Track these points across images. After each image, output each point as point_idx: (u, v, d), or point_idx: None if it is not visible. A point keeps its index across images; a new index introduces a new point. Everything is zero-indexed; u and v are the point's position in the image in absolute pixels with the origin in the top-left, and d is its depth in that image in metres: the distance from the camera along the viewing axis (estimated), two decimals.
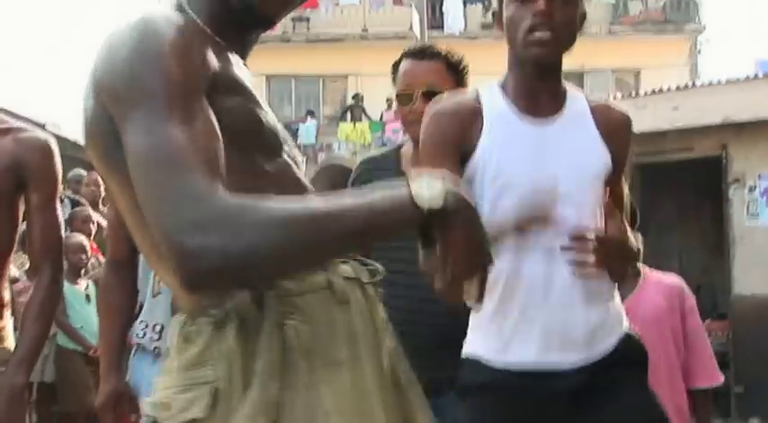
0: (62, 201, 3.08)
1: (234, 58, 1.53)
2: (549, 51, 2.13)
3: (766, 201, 8.09)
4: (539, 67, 2.17)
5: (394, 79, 2.97)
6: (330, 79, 20.73)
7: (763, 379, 7.52)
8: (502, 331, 2.17)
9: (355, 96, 19.99)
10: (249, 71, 1.63)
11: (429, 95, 2.74)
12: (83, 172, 7.89)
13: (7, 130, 2.79)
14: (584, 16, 2.22)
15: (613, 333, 2.18)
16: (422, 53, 2.91)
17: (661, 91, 9.17)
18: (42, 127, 11.52)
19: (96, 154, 1.50)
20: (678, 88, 9.15)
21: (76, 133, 13.86)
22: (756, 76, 8.52)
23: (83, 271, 5.83)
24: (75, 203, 7.03)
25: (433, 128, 2.25)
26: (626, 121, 2.32)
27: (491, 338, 2.20)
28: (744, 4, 53.86)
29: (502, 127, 2.19)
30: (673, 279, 3.54)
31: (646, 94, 9.63)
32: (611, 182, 2.26)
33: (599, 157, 2.20)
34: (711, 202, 8.46)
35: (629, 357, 2.19)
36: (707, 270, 8.81)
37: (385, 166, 2.97)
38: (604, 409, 2.13)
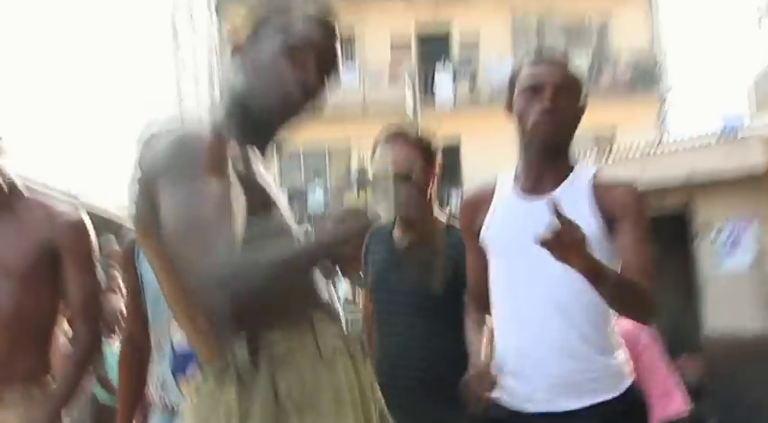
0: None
1: (253, 156, 1.73)
2: (553, 137, 2.19)
3: (729, 249, 8.09)
4: (544, 150, 2.22)
5: (373, 159, 2.98)
6: (335, 151, 20.46)
7: (734, 408, 7.48)
8: (517, 382, 2.20)
9: (360, 170, 19.55)
10: (267, 164, 1.81)
11: (403, 178, 2.80)
12: (112, 237, 7.89)
13: (45, 212, 2.77)
14: (583, 109, 2.28)
15: (613, 385, 2.19)
16: (395, 137, 2.93)
17: (629, 155, 9.30)
18: (75, 197, 11.47)
19: (146, 241, 1.70)
20: (644, 151, 9.23)
21: (106, 203, 13.78)
22: (709, 143, 8.58)
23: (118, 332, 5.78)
24: (104, 267, 7.03)
25: (459, 217, 2.43)
26: (627, 189, 2.24)
27: (509, 387, 2.22)
28: (707, 67, 53.85)
29: (502, 207, 2.26)
30: (627, 324, 3.65)
31: (615, 157, 9.78)
32: (621, 245, 2.19)
33: (584, 226, 2.05)
34: (681, 251, 8.40)
35: (629, 412, 2.19)
36: (682, 311, 8.66)
37: (379, 237, 3.03)
38: None
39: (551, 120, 2.17)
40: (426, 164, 2.85)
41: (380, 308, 2.92)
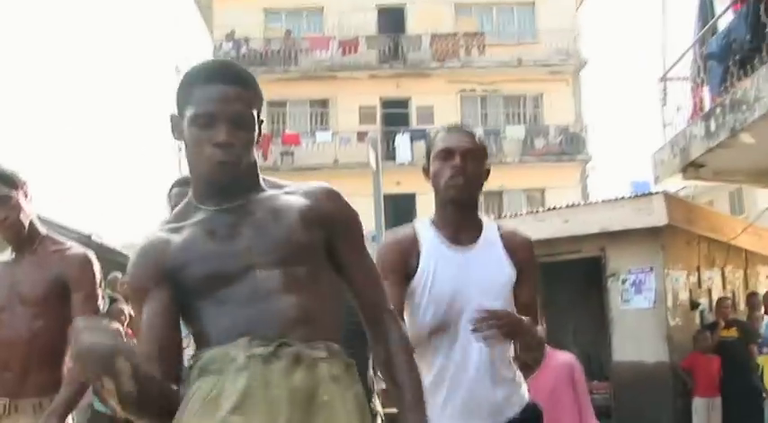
0: (102, 298, 3.05)
1: (214, 220, 1.62)
2: (463, 193, 2.22)
3: (634, 290, 8.41)
4: (456, 205, 2.25)
5: None
6: None
7: None
8: (435, 403, 2.18)
9: None
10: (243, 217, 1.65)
11: None
12: (119, 274, 7.75)
13: (57, 250, 2.88)
14: (488, 171, 2.32)
15: (516, 404, 2.23)
16: None
17: (555, 208, 9.53)
18: (88, 237, 11.52)
19: None
20: (567, 206, 9.49)
21: (115, 241, 13.60)
22: (623, 197, 9.00)
23: None
24: (112, 300, 7.00)
25: (381, 258, 2.31)
26: (527, 243, 2.34)
27: (430, 407, 2.19)
28: (621, 139, 55.15)
29: (434, 254, 2.26)
30: (566, 356, 3.81)
31: (544, 211, 9.99)
32: (520, 291, 2.28)
33: (505, 273, 2.25)
34: (596, 290, 8.72)
35: (528, 420, 2.25)
36: (594, 343, 8.95)
37: None
38: None
39: (461, 179, 2.21)
40: None
41: None
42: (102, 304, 3.03)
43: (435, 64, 20.92)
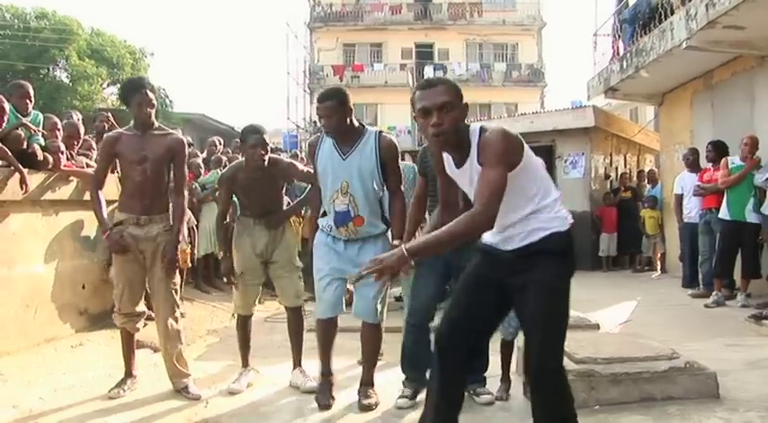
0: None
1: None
2: (446, 144, 2.02)
3: (572, 167, 9.52)
4: (445, 149, 2.09)
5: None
6: (369, 107, 23.29)
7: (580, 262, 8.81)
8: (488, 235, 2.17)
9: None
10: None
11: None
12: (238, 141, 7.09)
13: (167, 133, 3.18)
14: (466, 105, 2.02)
15: (537, 235, 2.05)
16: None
17: (524, 114, 10.43)
18: (232, 128, 13.27)
19: None
20: (533, 113, 10.24)
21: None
22: (567, 108, 9.96)
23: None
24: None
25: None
26: (485, 141, 1.92)
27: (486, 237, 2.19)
28: (567, 73, 57.07)
29: (449, 165, 2.14)
30: None
31: (518, 115, 10.88)
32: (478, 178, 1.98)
33: (475, 169, 1.96)
34: (549, 165, 9.00)
35: (547, 248, 2.02)
36: None
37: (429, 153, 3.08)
38: (521, 275, 2.01)
39: (441, 136, 1.96)
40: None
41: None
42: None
43: (450, 22, 25.34)
